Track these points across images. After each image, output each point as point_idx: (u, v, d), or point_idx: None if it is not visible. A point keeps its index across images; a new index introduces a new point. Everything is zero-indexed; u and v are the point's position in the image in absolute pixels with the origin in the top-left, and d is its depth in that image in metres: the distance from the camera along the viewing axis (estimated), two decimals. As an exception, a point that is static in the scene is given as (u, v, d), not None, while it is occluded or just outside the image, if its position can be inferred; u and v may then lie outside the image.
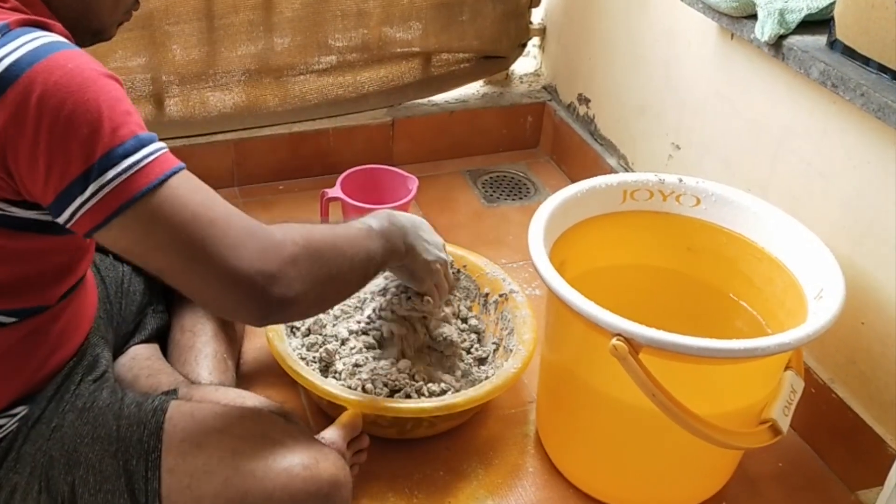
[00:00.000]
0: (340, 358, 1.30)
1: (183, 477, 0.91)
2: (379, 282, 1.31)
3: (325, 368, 1.30)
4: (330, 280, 0.92)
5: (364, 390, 1.24)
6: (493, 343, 1.39)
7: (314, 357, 1.31)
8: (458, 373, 1.32)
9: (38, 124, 0.75)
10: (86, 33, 0.91)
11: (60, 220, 0.79)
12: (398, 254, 1.11)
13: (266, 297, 0.83)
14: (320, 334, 1.34)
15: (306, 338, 1.34)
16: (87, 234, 0.80)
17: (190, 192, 0.82)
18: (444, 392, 1.25)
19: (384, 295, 1.30)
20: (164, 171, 0.80)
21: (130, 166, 0.78)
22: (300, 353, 1.30)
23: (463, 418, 1.32)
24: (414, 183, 1.66)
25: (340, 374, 1.28)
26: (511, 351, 1.32)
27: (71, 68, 0.76)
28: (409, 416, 1.21)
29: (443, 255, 1.22)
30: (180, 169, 0.82)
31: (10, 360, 0.92)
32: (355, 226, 1.03)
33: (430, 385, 1.26)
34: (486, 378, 1.30)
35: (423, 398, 1.24)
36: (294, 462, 0.92)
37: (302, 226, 0.92)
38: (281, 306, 0.85)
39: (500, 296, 1.43)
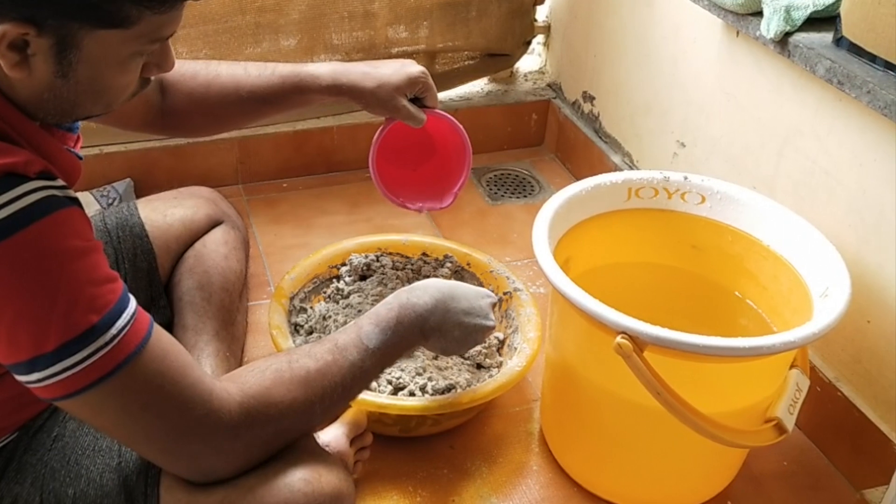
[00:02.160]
0: None
1: (181, 495, 0.89)
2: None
3: None
4: (283, 439, 0.90)
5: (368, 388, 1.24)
6: (497, 339, 1.39)
7: None
8: (463, 370, 1.32)
9: (1, 297, 0.73)
10: (88, 116, 0.85)
11: (21, 380, 0.78)
12: (415, 346, 1.04)
13: (211, 470, 0.86)
14: (324, 333, 1.34)
15: (310, 336, 1.34)
16: (47, 400, 0.79)
17: (142, 382, 0.79)
18: (448, 390, 1.25)
19: None
20: (116, 362, 0.77)
21: (80, 361, 0.75)
22: None
23: (467, 416, 1.31)
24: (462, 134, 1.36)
25: None
26: (516, 349, 1.32)
27: (37, 250, 0.73)
28: (413, 414, 1.21)
29: (489, 322, 1.10)
30: (137, 351, 0.78)
31: (16, 400, 0.91)
32: (346, 356, 0.94)
33: (434, 383, 1.26)
34: (490, 376, 1.29)
35: (426, 396, 1.24)
36: (295, 477, 0.89)
37: (268, 385, 0.87)
38: (225, 473, 0.87)
39: (505, 294, 1.42)
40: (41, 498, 0.90)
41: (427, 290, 1.05)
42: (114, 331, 0.77)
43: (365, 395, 1.19)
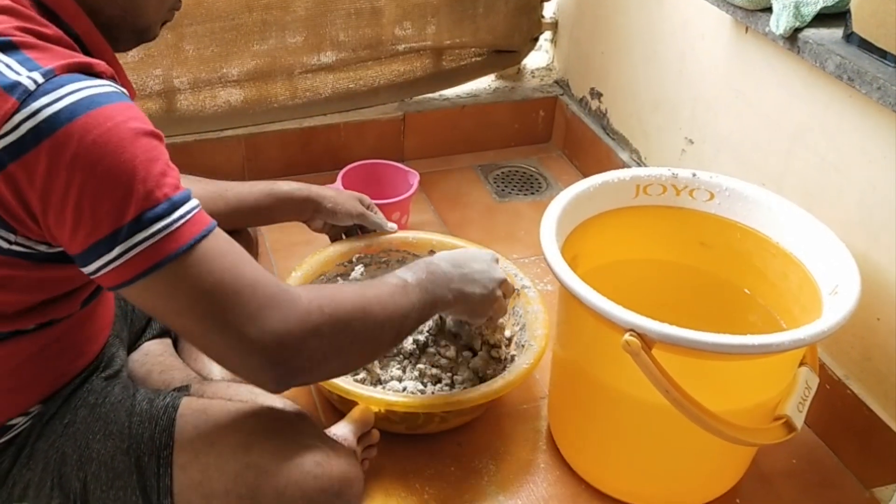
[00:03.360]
0: None
1: (194, 473, 0.91)
2: None
3: None
4: (356, 348, 0.91)
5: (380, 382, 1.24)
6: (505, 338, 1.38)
7: None
8: (472, 366, 1.31)
9: (69, 182, 0.74)
10: (131, 33, 0.89)
11: (86, 271, 0.79)
12: (444, 303, 1.06)
13: (284, 368, 0.83)
14: None
15: None
16: (110, 289, 0.80)
17: (217, 257, 0.80)
18: (458, 384, 1.25)
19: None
20: (192, 235, 0.79)
21: (160, 230, 0.77)
22: None
23: (475, 414, 1.31)
24: (415, 178, 1.66)
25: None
26: (523, 346, 1.32)
27: (109, 127, 0.75)
28: (421, 412, 1.21)
29: (498, 275, 1.15)
30: (209, 231, 0.80)
31: (37, 368, 0.92)
32: (390, 282, 0.98)
33: (442, 383, 1.26)
34: (504, 368, 1.29)
35: (434, 394, 1.23)
36: (306, 459, 0.92)
37: (332, 290, 0.90)
38: (298, 376, 0.85)
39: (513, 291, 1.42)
40: (52, 483, 0.91)
41: (442, 258, 1.10)
42: (188, 207, 0.79)
43: (373, 393, 1.19)
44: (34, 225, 0.78)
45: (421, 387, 1.27)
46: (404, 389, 1.26)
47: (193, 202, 0.80)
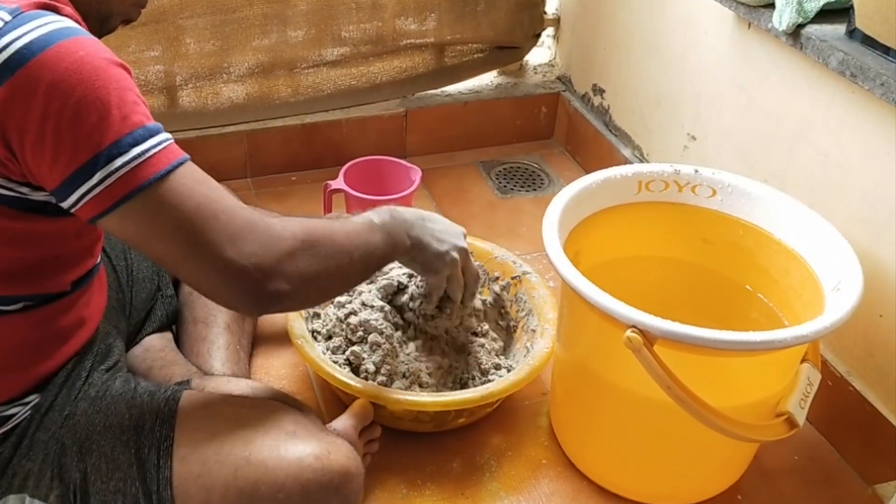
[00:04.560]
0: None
1: (194, 466, 0.91)
2: (400, 277, 1.31)
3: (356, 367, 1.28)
4: (328, 274, 0.92)
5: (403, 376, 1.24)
6: (512, 324, 1.39)
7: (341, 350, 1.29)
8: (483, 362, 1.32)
9: (46, 110, 0.75)
10: (95, 20, 0.90)
11: (65, 204, 0.80)
12: (402, 247, 1.08)
13: (261, 290, 0.85)
14: (342, 335, 1.30)
15: (329, 340, 1.31)
16: (91, 220, 0.81)
17: (195, 182, 0.82)
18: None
19: (403, 294, 1.29)
20: (171, 160, 0.81)
21: (139, 155, 0.78)
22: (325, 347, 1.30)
23: (495, 405, 1.32)
24: (417, 174, 1.66)
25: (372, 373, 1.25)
26: (534, 331, 1.32)
27: (82, 56, 0.76)
28: (453, 409, 1.20)
29: (460, 242, 1.16)
30: (186, 160, 0.83)
31: (25, 350, 0.92)
32: (356, 220, 1.02)
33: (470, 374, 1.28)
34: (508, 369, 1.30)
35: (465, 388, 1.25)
36: (306, 453, 0.92)
37: (303, 219, 0.92)
38: (275, 299, 0.86)
39: (513, 278, 1.42)
40: (52, 473, 0.91)
41: (406, 210, 1.12)
42: (163, 136, 0.81)
43: (406, 395, 1.19)
44: (13, 163, 0.79)
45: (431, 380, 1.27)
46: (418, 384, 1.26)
47: (166, 134, 0.82)
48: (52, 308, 0.93)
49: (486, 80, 2.12)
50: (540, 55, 2.19)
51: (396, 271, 1.32)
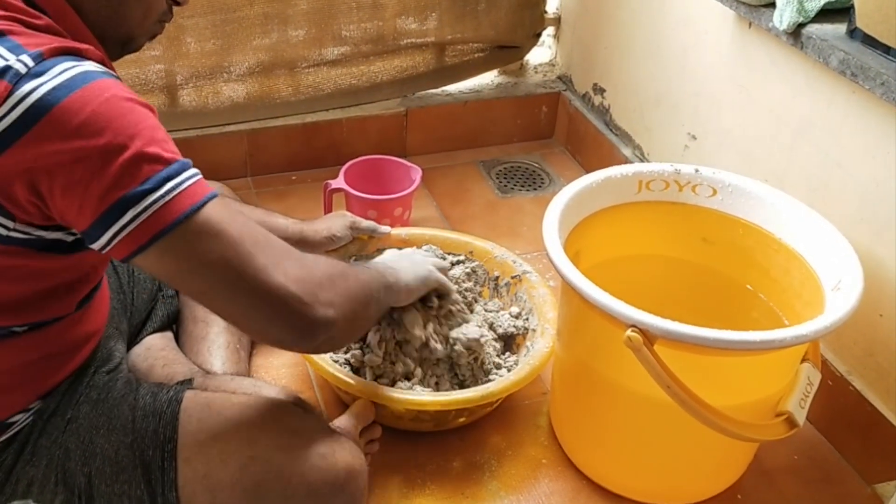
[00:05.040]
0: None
1: (199, 467, 0.91)
2: None
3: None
4: (360, 305, 0.94)
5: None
6: (512, 321, 1.39)
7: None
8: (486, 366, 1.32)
9: (76, 154, 0.75)
10: (115, 42, 0.89)
11: (96, 245, 0.79)
12: (391, 293, 1.12)
13: (309, 315, 0.84)
14: None
15: None
16: (125, 259, 0.79)
17: (228, 216, 0.81)
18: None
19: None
20: (203, 194, 0.80)
21: (171, 190, 0.77)
22: None
23: (495, 405, 1.32)
24: (417, 173, 1.66)
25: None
26: (535, 331, 1.33)
27: (107, 97, 0.76)
28: (453, 409, 1.21)
29: (426, 263, 1.22)
30: (216, 194, 0.82)
31: (31, 368, 0.91)
32: (364, 268, 1.07)
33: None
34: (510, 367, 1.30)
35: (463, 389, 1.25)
36: (310, 452, 0.92)
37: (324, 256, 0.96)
38: (322, 326, 0.85)
39: (513, 277, 1.42)
40: (57, 478, 0.91)
41: (382, 260, 1.18)
42: (193, 171, 0.80)
43: (406, 395, 1.19)
44: (38, 207, 0.78)
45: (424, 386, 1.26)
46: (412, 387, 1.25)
47: (195, 169, 0.81)
48: (58, 327, 0.92)
49: (487, 79, 2.12)
50: (540, 55, 2.19)
51: None
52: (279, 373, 1.39)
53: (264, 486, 0.90)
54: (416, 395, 1.19)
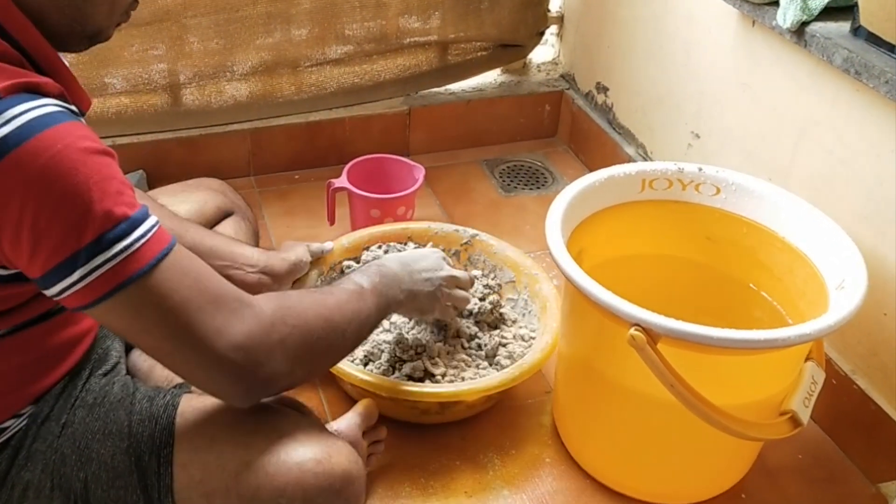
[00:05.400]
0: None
1: (195, 472, 0.90)
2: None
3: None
4: (319, 355, 0.92)
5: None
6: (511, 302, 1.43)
7: None
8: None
9: (22, 207, 0.73)
10: (82, 37, 0.87)
11: (48, 293, 0.78)
12: (397, 304, 1.11)
13: (253, 379, 0.84)
14: None
15: None
16: (73, 310, 0.79)
17: (179, 274, 0.80)
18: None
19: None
20: (154, 254, 0.78)
21: (122, 250, 0.76)
22: None
23: (499, 396, 1.33)
24: (420, 172, 1.66)
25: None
26: (514, 282, 1.41)
27: (59, 149, 0.73)
28: (470, 398, 1.23)
29: (444, 272, 1.21)
30: (170, 249, 0.80)
31: (18, 372, 0.91)
32: (347, 288, 1.01)
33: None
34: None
35: (472, 378, 1.27)
36: (306, 457, 0.91)
37: (294, 300, 0.91)
38: (266, 387, 0.86)
39: (463, 244, 1.49)
40: (53, 483, 0.90)
41: (392, 260, 1.14)
42: (147, 225, 0.78)
43: (423, 388, 1.21)
44: None
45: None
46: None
47: (152, 220, 0.79)
48: (43, 329, 0.91)
49: (490, 78, 2.11)
50: (543, 53, 2.18)
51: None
52: (282, 372, 1.39)
53: (259, 493, 0.90)
54: (431, 388, 1.21)
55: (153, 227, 0.79)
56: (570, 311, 1.21)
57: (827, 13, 1.23)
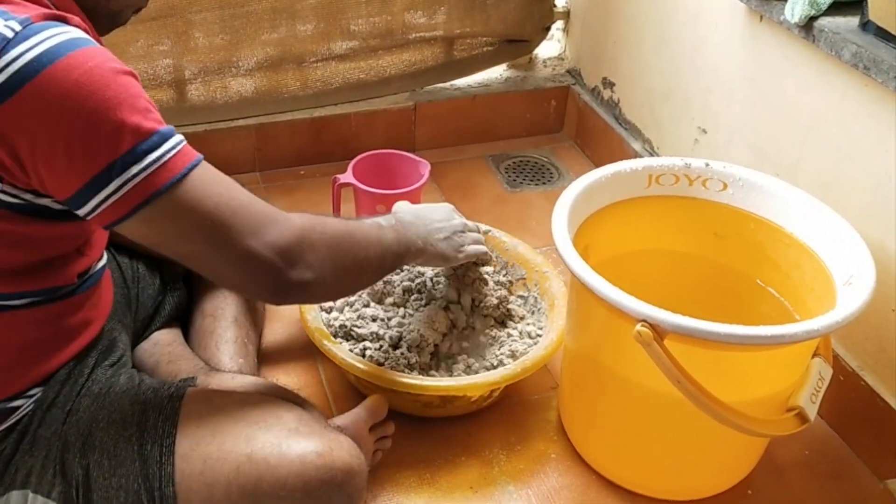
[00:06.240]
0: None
1: (196, 463, 0.91)
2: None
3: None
4: (346, 267, 0.96)
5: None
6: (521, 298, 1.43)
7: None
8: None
9: (57, 123, 0.76)
10: (102, 16, 0.91)
11: (80, 212, 0.81)
12: (416, 248, 1.13)
13: (284, 278, 0.88)
14: (358, 331, 1.32)
15: (348, 337, 1.33)
16: (107, 227, 0.82)
17: (211, 182, 0.84)
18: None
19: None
20: (186, 163, 0.82)
21: (154, 161, 0.79)
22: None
23: (501, 393, 1.33)
24: (426, 168, 1.65)
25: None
26: (524, 279, 1.40)
27: (90, 66, 0.77)
28: (484, 392, 1.24)
29: (454, 221, 1.24)
30: (200, 161, 0.84)
31: (30, 348, 0.92)
32: (366, 222, 1.06)
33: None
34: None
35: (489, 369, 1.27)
36: (308, 450, 0.92)
37: (319, 216, 0.95)
38: (298, 288, 0.89)
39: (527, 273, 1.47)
40: (55, 469, 0.91)
41: (405, 212, 1.18)
42: (176, 139, 0.82)
43: (423, 381, 1.21)
44: (21, 172, 0.80)
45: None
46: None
47: (179, 136, 0.82)
48: (59, 307, 0.93)
49: (496, 73, 2.11)
50: (550, 48, 2.18)
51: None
52: (287, 367, 1.40)
53: (260, 485, 0.90)
54: (438, 381, 1.21)
55: (182, 141, 0.83)
56: (577, 307, 1.21)
57: (835, 8, 1.23)
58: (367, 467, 0.99)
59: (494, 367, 1.28)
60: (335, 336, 1.29)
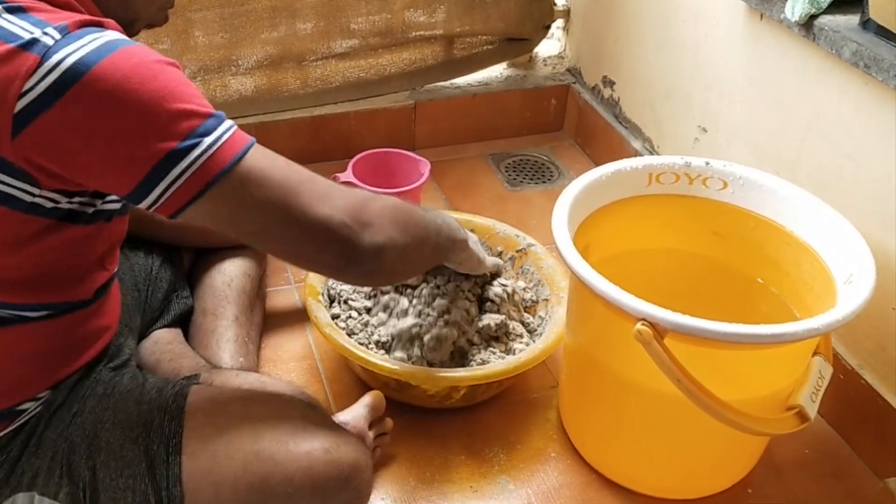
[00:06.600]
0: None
1: (203, 461, 0.91)
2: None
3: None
4: (410, 233, 0.95)
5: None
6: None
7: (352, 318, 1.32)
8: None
9: (111, 118, 0.76)
10: (118, 24, 0.90)
11: (144, 203, 0.81)
12: (462, 241, 1.14)
13: (359, 242, 0.87)
14: (364, 329, 1.32)
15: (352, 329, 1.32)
16: (174, 214, 0.82)
17: (273, 157, 0.86)
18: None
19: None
20: (244, 143, 0.83)
21: (213, 143, 0.80)
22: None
23: (512, 381, 1.34)
24: (426, 166, 1.65)
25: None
26: (547, 300, 1.36)
27: (135, 62, 0.78)
28: (489, 382, 1.23)
29: (469, 236, 1.22)
30: (254, 142, 0.85)
31: (44, 357, 0.92)
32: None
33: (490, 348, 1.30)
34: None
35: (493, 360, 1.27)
36: (315, 446, 0.92)
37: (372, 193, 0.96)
38: (373, 254, 0.88)
39: (518, 251, 1.44)
40: (62, 471, 0.91)
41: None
42: (229, 122, 0.83)
43: (443, 373, 1.21)
44: (70, 175, 0.80)
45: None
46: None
47: (231, 121, 0.84)
48: (73, 318, 0.93)
49: (496, 72, 2.11)
50: (550, 47, 2.18)
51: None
52: (287, 366, 1.40)
53: (268, 482, 0.91)
54: (451, 373, 1.21)
55: (233, 125, 0.83)
56: (577, 305, 1.21)
57: (835, 6, 1.23)
58: (371, 462, 0.99)
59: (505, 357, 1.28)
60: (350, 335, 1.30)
